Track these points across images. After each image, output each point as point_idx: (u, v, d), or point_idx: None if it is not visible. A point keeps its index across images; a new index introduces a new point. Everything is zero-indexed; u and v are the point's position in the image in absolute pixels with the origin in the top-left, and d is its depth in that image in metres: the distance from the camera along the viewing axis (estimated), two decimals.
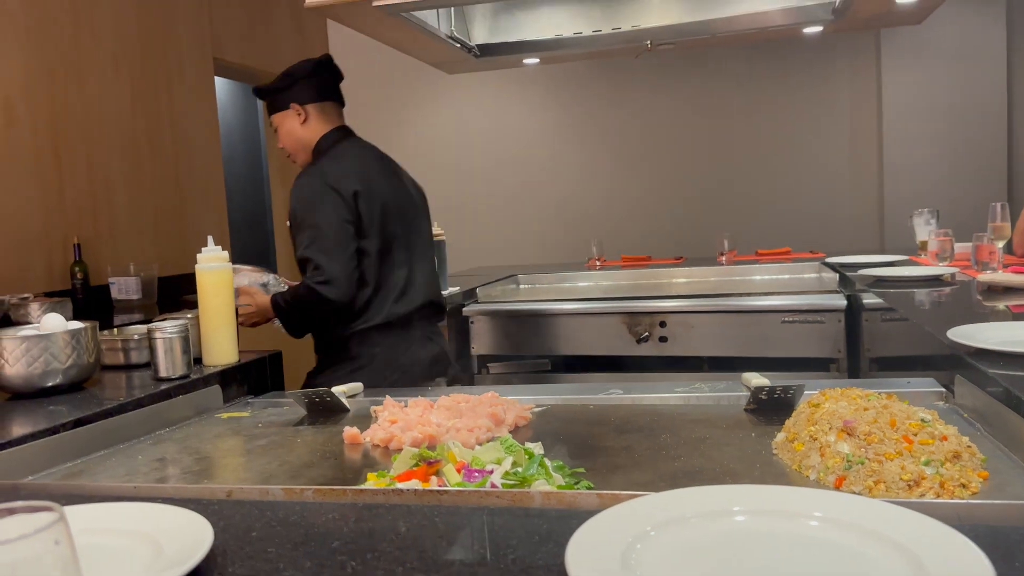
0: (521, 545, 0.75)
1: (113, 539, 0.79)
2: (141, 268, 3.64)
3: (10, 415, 1.46)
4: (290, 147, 2.40)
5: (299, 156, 2.40)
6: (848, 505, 0.75)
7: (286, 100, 2.36)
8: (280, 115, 2.36)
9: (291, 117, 2.35)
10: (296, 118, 2.35)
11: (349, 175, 2.25)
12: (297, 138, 2.37)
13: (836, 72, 4.89)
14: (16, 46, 3.37)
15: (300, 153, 2.39)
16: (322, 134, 2.36)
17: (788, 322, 2.79)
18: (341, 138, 2.38)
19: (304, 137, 2.36)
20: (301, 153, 2.39)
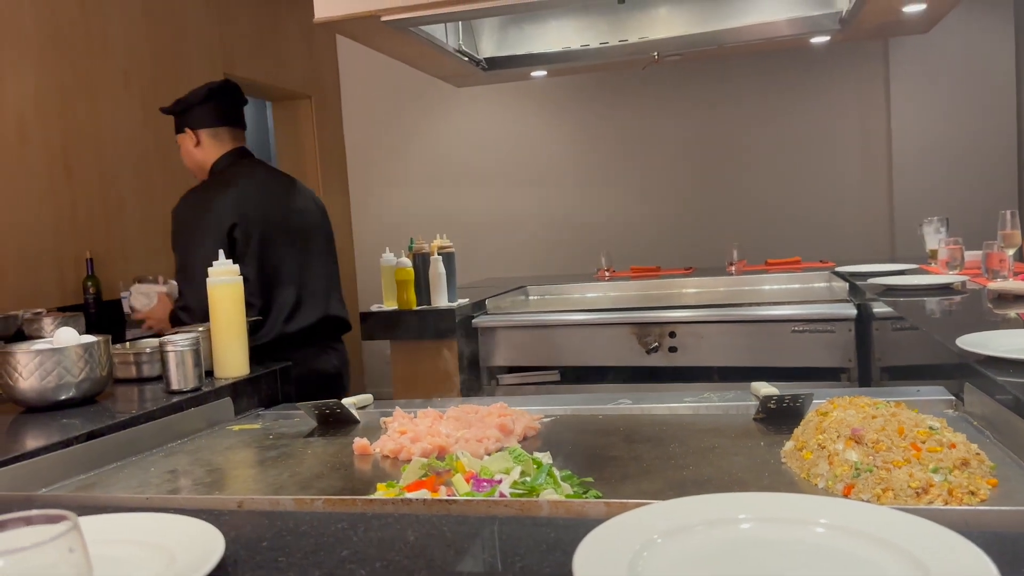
0: (529, 553, 0.75)
1: (126, 549, 0.79)
2: None
3: (24, 428, 1.47)
4: (189, 166, 2.56)
5: (198, 175, 2.56)
6: (855, 512, 0.75)
7: (181, 124, 2.52)
8: (180, 136, 2.52)
9: (187, 140, 2.51)
10: (190, 141, 2.50)
11: (228, 206, 2.37)
12: (194, 160, 2.53)
13: (844, 82, 4.90)
14: (29, 64, 3.42)
15: (198, 172, 2.55)
16: (215, 157, 2.50)
17: (798, 332, 2.78)
18: (233, 162, 2.51)
19: (199, 159, 2.51)
20: (199, 172, 2.55)
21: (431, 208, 5.58)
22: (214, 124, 2.50)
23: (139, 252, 3.94)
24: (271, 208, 2.47)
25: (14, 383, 1.54)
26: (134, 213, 3.94)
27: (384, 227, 5.63)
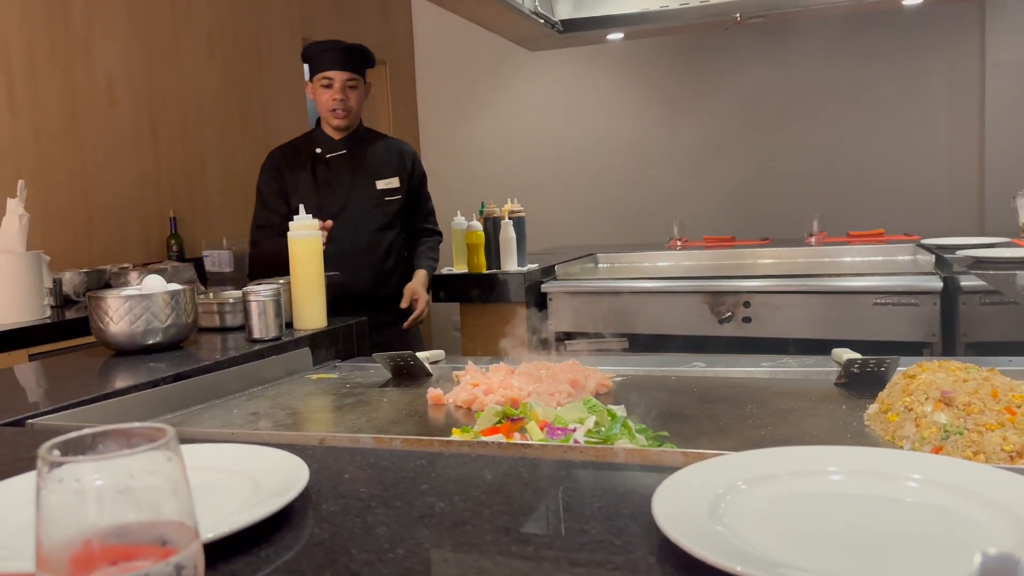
0: (606, 495, 0.75)
1: (213, 475, 0.82)
2: (234, 242, 3.77)
3: (114, 369, 1.54)
4: (355, 113, 2.69)
5: (351, 123, 2.71)
6: (949, 467, 0.72)
7: (365, 73, 2.71)
8: (359, 83, 2.67)
9: (363, 89, 2.71)
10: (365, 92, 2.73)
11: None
12: (361, 107, 2.74)
13: (936, 47, 4.67)
14: (118, 29, 3.52)
15: (354, 121, 2.72)
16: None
17: (880, 304, 2.69)
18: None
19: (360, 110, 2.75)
20: (354, 121, 2.72)
21: (502, 173, 5.57)
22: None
23: (220, 212, 4.06)
24: None
25: (105, 327, 1.61)
26: (215, 175, 4.05)
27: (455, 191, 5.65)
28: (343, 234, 2.56)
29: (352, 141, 2.72)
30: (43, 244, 2.85)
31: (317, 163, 2.68)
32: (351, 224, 2.64)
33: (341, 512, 0.73)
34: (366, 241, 2.70)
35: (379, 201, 2.73)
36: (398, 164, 2.79)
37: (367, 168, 2.73)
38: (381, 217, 2.73)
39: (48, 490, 0.49)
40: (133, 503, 0.50)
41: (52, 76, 3.23)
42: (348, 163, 2.69)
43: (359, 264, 2.65)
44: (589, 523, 0.69)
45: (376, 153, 2.76)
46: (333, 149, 2.68)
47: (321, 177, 2.68)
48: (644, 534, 0.65)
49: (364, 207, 2.69)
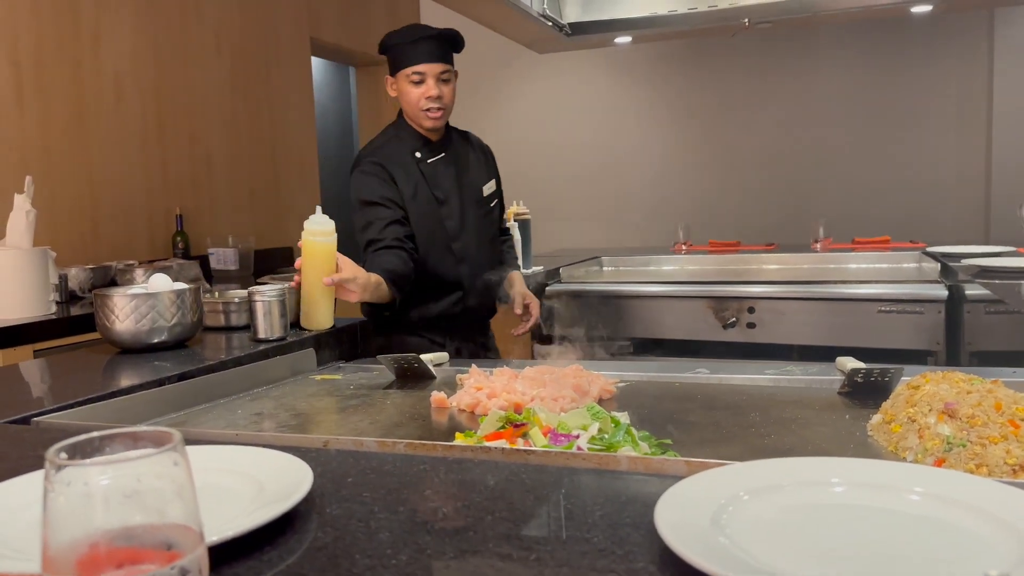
0: (608, 503, 0.75)
1: (218, 477, 0.83)
2: (239, 240, 3.79)
3: (119, 368, 1.55)
4: (451, 108, 2.22)
5: (442, 121, 2.21)
6: (951, 481, 0.72)
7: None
8: (451, 76, 2.20)
9: (455, 78, 2.21)
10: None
11: None
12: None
13: (944, 55, 4.66)
14: (126, 26, 3.53)
15: (447, 115, 2.23)
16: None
17: (885, 312, 2.69)
18: None
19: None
20: (447, 115, 2.23)
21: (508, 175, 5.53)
22: None
23: (226, 210, 4.07)
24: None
25: (111, 325, 1.62)
26: (221, 173, 4.06)
27: None
28: (469, 251, 2.20)
29: (446, 142, 2.26)
30: (49, 240, 2.86)
31: (421, 167, 2.20)
32: (473, 240, 2.22)
33: (344, 516, 0.73)
34: (488, 257, 2.28)
35: (487, 209, 2.30)
36: (488, 164, 2.38)
37: (469, 172, 2.28)
38: (491, 226, 2.32)
39: (55, 492, 0.49)
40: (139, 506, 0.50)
41: (60, 72, 3.24)
42: (449, 168, 2.23)
43: (485, 284, 2.26)
44: (591, 531, 0.69)
45: (468, 153, 2.32)
46: (432, 153, 2.21)
47: (431, 186, 2.19)
48: (646, 543, 0.66)
49: (478, 218, 2.26)
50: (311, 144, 4.80)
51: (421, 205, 2.15)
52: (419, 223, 2.13)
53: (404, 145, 2.19)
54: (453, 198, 2.20)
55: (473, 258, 2.22)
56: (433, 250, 2.15)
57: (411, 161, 2.17)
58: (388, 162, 2.15)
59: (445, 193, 2.19)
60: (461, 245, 2.19)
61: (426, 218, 2.15)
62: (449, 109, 2.18)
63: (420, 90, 2.12)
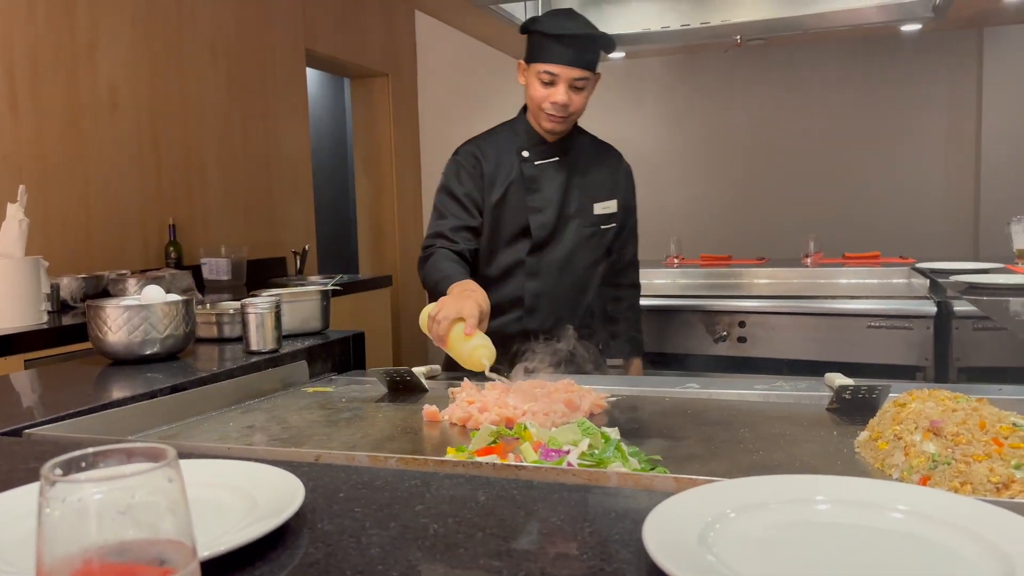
0: (598, 520, 0.76)
1: (210, 492, 0.83)
2: (232, 250, 3.79)
3: (111, 379, 1.55)
4: (578, 117, 2.02)
5: (570, 127, 2.04)
6: (934, 500, 0.73)
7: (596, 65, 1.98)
8: (591, 78, 1.96)
9: (592, 84, 1.99)
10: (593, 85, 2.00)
11: None
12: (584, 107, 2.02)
13: (934, 73, 4.71)
14: (122, 36, 3.54)
15: (572, 122, 2.03)
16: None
17: (874, 327, 2.71)
18: None
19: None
20: (572, 122, 2.03)
21: None
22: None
23: (219, 221, 4.07)
24: None
25: (103, 336, 1.62)
26: (216, 183, 4.07)
27: None
28: (548, 268, 2.02)
29: (565, 145, 2.05)
30: (42, 249, 2.86)
31: (523, 167, 2.02)
32: (557, 260, 2.03)
33: (336, 532, 0.74)
34: (574, 284, 2.06)
35: (595, 230, 2.07)
36: (614, 182, 2.13)
37: (583, 184, 2.06)
38: (595, 250, 2.09)
39: (50, 508, 0.50)
40: (133, 522, 0.51)
41: (55, 81, 3.25)
42: (559, 175, 2.03)
43: (562, 309, 2.04)
44: (581, 548, 0.70)
45: (592, 164, 2.10)
46: (542, 154, 2.02)
47: (529, 187, 2.02)
48: (635, 560, 0.66)
49: (577, 237, 2.04)
50: (305, 155, 4.81)
51: (509, 209, 2.00)
52: (499, 226, 1.99)
53: (514, 140, 2.04)
54: (550, 209, 2.00)
55: (550, 278, 2.02)
56: (504, 257, 2.00)
57: (514, 159, 2.01)
58: (486, 156, 2.01)
59: (542, 202, 2.00)
60: (537, 260, 2.00)
61: (510, 223, 1.98)
62: (576, 116, 2.00)
63: (547, 92, 1.91)
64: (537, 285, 2.01)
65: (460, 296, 1.64)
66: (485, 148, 2.04)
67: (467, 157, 2.03)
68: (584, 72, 1.90)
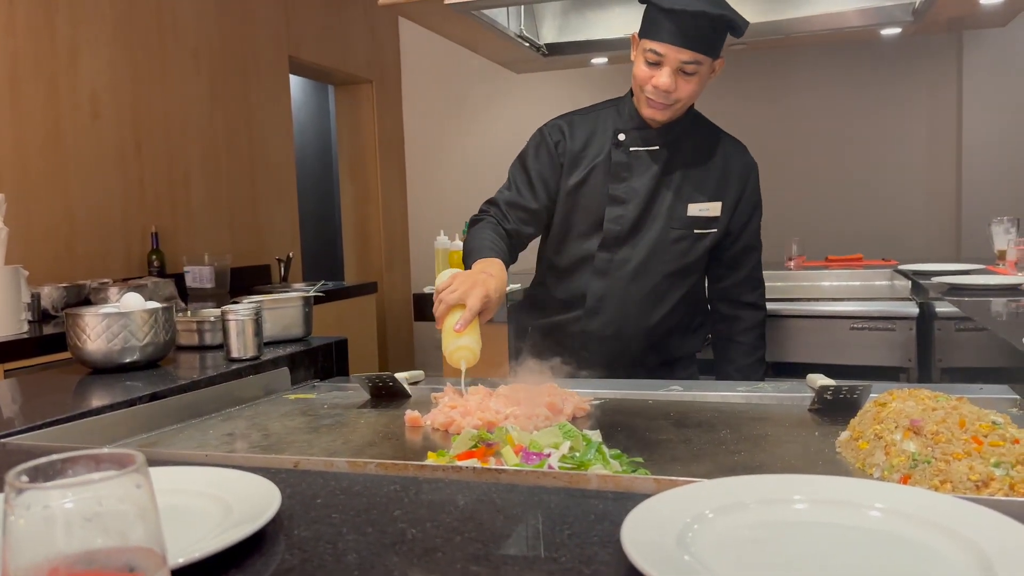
0: (577, 522, 0.76)
1: (185, 499, 0.82)
2: (215, 258, 3.77)
3: (90, 388, 1.53)
4: (687, 105, 1.79)
5: (677, 115, 1.80)
6: (911, 497, 0.73)
7: (721, 49, 1.75)
8: (710, 61, 1.73)
9: (711, 69, 1.75)
10: (711, 73, 1.76)
11: None
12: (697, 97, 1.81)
13: (914, 76, 4.75)
14: (103, 44, 3.52)
15: (678, 111, 1.79)
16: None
17: (857, 329, 2.72)
18: None
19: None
20: (678, 111, 1.80)
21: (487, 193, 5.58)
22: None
23: (203, 228, 4.05)
24: None
25: (82, 345, 1.60)
26: (199, 191, 4.04)
27: (439, 210, 5.67)
28: (619, 269, 1.84)
29: (671, 134, 1.83)
30: (23, 258, 2.83)
31: (613, 152, 1.83)
32: (633, 260, 1.84)
33: (312, 538, 0.73)
34: (649, 288, 1.86)
35: (686, 233, 1.84)
36: (723, 181, 1.88)
37: (682, 180, 1.84)
38: (681, 256, 1.86)
39: (16, 516, 0.49)
40: (101, 529, 0.50)
41: (36, 90, 3.22)
42: (654, 166, 1.82)
43: (628, 318, 1.86)
44: (559, 550, 0.69)
45: (699, 159, 1.86)
46: (639, 140, 1.82)
47: (615, 175, 1.83)
48: (613, 562, 0.66)
49: (662, 239, 1.83)
50: (289, 162, 4.80)
51: (587, 196, 1.82)
52: (574, 213, 1.83)
53: (613, 120, 1.85)
54: (633, 202, 1.80)
55: (619, 281, 1.83)
56: (574, 248, 1.84)
57: (607, 141, 1.83)
58: (575, 135, 1.85)
59: (627, 193, 1.81)
60: (608, 258, 1.83)
61: (586, 211, 1.82)
62: (684, 106, 1.77)
63: (650, 73, 1.70)
64: (603, 286, 1.84)
65: (473, 280, 1.54)
66: (576, 125, 1.87)
67: (553, 132, 1.87)
68: (696, 55, 1.66)
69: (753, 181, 1.94)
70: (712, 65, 1.73)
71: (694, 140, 1.87)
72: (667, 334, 1.92)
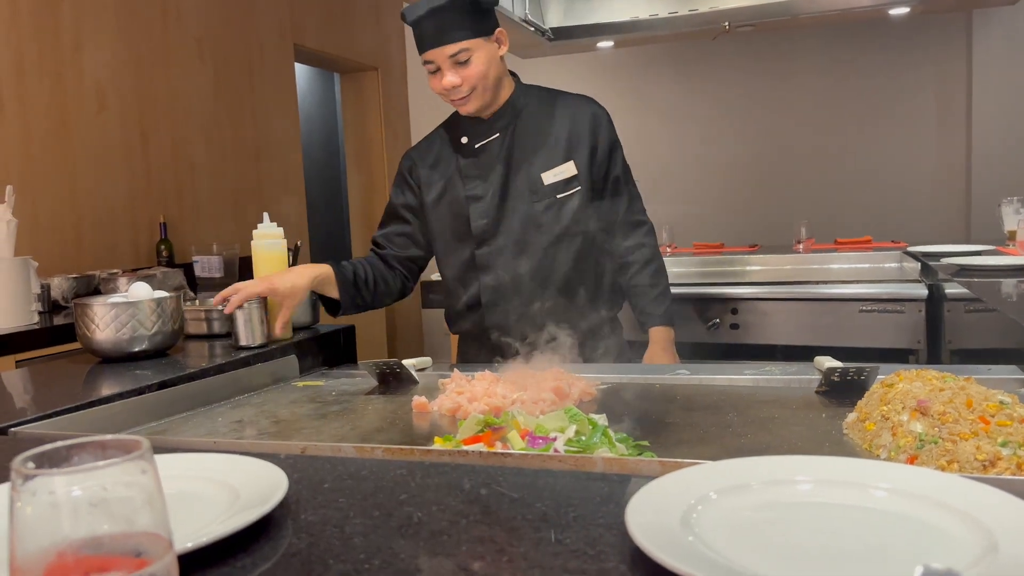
0: (582, 504, 0.76)
1: (193, 485, 0.83)
2: (223, 248, 3.77)
3: (99, 377, 1.54)
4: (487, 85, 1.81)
5: (489, 99, 1.84)
6: (917, 477, 0.73)
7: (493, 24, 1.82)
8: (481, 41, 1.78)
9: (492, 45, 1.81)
10: (497, 47, 1.82)
11: None
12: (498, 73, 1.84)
13: (923, 56, 4.71)
14: (106, 34, 3.52)
15: (493, 93, 1.84)
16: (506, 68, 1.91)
17: (866, 311, 2.71)
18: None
19: (502, 69, 1.87)
20: (494, 93, 1.85)
21: None
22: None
23: (210, 218, 4.06)
24: None
25: (91, 334, 1.61)
26: (205, 180, 4.05)
27: None
28: (499, 259, 1.86)
29: (505, 117, 1.87)
30: (32, 250, 2.85)
31: (461, 159, 1.90)
32: (508, 245, 1.86)
33: (319, 522, 0.74)
34: (535, 264, 1.85)
35: (551, 201, 1.86)
36: (570, 138, 1.89)
37: (527, 154, 1.87)
38: (554, 223, 1.86)
39: (22, 502, 0.50)
40: (107, 515, 0.50)
41: (41, 82, 3.23)
42: (500, 152, 1.87)
43: (526, 300, 1.84)
44: (564, 532, 0.70)
45: (538, 128, 1.89)
46: (483, 135, 1.88)
47: (466, 176, 1.88)
48: (618, 543, 0.66)
49: (526, 215, 1.85)
50: (295, 151, 4.80)
51: (448, 206, 1.89)
52: (443, 225, 1.90)
53: (450, 132, 1.94)
54: (491, 192, 1.84)
55: (505, 267, 1.85)
56: (455, 256, 1.90)
57: (450, 153, 1.91)
58: (420, 161, 1.94)
59: (483, 188, 1.85)
60: (487, 253, 1.85)
61: (452, 219, 1.88)
62: (483, 88, 1.79)
63: (437, 80, 1.81)
64: (492, 278, 1.86)
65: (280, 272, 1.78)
66: (422, 150, 1.98)
67: (404, 162, 1.99)
68: (456, 46, 1.74)
69: (604, 128, 1.95)
70: (487, 42, 1.78)
71: (530, 112, 1.90)
72: (571, 305, 1.88)
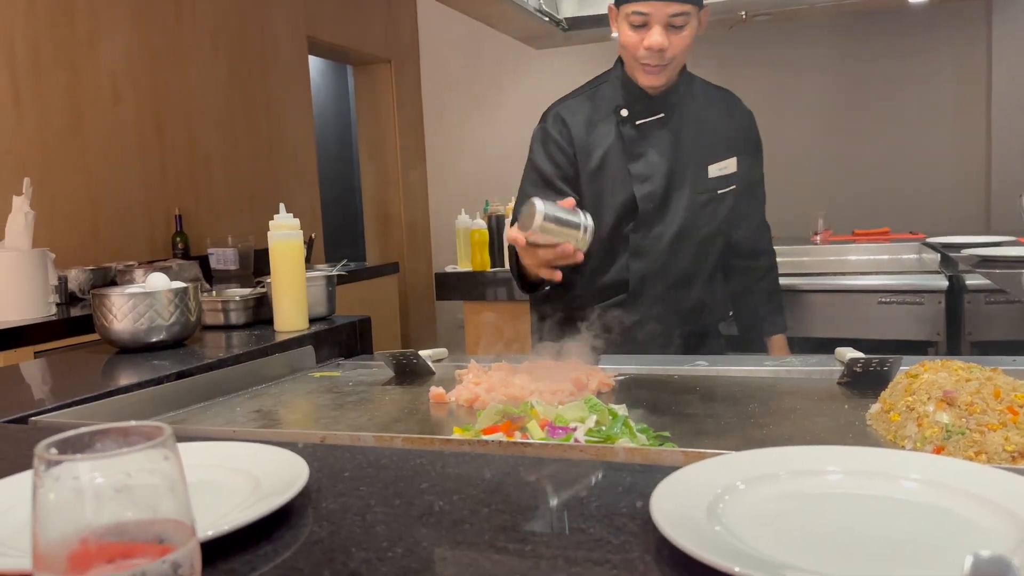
0: (604, 494, 0.75)
1: (213, 473, 0.82)
2: (238, 240, 3.79)
3: (117, 367, 1.55)
4: (681, 62, 1.73)
5: (674, 76, 1.75)
6: (948, 468, 0.72)
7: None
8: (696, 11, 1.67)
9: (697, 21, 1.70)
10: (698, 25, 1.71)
11: None
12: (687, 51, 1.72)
13: (942, 45, 4.65)
14: (122, 28, 3.53)
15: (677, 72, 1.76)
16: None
17: (885, 303, 2.69)
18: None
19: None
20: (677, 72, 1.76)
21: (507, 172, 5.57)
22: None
23: (225, 210, 4.07)
24: None
25: (109, 324, 1.62)
26: (220, 173, 4.06)
27: (460, 190, 5.65)
28: (655, 247, 1.76)
29: (672, 99, 1.77)
30: (49, 242, 2.86)
31: (622, 128, 1.76)
32: (667, 235, 1.76)
33: (340, 511, 0.73)
34: (689, 259, 1.79)
35: (712, 195, 1.79)
36: (732, 135, 1.84)
37: (695, 143, 1.78)
38: (710, 221, 1.79)
39: (45, 488, 0.49)
40: (130, 501, 0.50)
41: (56, 75, 3.24)
42: (666, 135, 1.76)
43: (673, 294, 1.78)
44: (587, 522, 0.69)
45: (706, 117, 1.81)
46: (644, 112, 1.76)
47: (630, 152, 1.75)
48: (642, 533, 0.65)
49: (691, 208, 1.77)
50: (309, 143, 4.80)
51: (608, 180, 1.74)
52: (599, 201, 1.74)
53: (610, 97, 1.78)
54: (658, 176, 1.73)
55: (658, 258, 1.75)
56: (605, 237, 1.73)
57: (611, 120, 1.76)
58: (574, 120, 1.76)
59: (647, 169, 1.73)
60: (643, 238, 1.74)
61: (611, 197, 1.74)
62: (678, 63, 1.70)
63: (639, 36, 1.65)
64: (643, 266, 1.76)
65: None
66: (574, 111, 1.78)
67: (555, 124, 1.78)
68: (683, 6, 1.62)
69: (755, 127, 1.92)
70: (698, 16, 1.68)
71: (696, 100, 1.82)
72: (700, 306, 1.85)
